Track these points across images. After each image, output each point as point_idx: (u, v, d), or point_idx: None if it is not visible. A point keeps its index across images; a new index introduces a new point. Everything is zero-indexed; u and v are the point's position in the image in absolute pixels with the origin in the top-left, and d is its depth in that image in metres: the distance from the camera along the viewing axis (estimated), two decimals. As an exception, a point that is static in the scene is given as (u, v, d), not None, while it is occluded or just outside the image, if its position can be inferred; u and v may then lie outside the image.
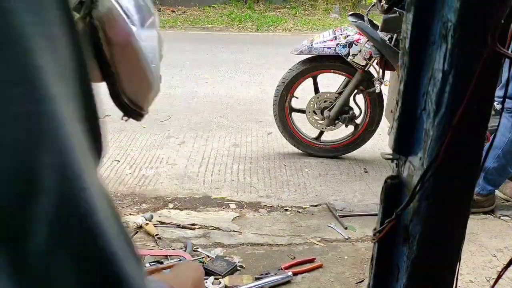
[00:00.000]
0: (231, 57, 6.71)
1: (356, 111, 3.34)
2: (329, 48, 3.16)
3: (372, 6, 3.10)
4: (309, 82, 3.38)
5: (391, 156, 0.82)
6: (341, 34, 3.19)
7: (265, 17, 10.47)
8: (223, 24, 9.87)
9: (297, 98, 3.39)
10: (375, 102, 3.29)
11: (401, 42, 0.75)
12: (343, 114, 3.28)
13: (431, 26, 0.69)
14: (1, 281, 0.29)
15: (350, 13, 3.37)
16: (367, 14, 3.18)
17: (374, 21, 3.22)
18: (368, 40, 3.05)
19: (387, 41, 3.02)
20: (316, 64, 3.24)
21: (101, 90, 0.51)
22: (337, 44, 3.14)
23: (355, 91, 3.27)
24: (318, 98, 3.32)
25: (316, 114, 3.34)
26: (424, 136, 0.71)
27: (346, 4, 11.50)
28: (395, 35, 3.00)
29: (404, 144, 0.77)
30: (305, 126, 3.53)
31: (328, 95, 3.32)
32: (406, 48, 0.73)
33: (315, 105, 3.33)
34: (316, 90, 3.38)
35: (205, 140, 3.69)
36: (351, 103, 3.33)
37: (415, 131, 0.74)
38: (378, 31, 3.03)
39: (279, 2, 11.55)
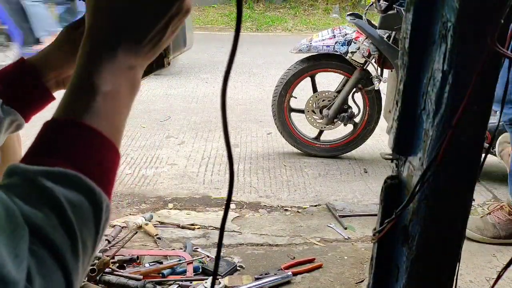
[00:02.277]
0: (231, 57, 6.70)
1: (355, 109, 3.35)
2: (327, 46, 3.16)
3: (370, 5, 3.11)
4: (307, 82, 3.38)
5: (390, 156, 0.82)
6: (340, 33, 3.20)
7: (265, 17, 10.47)
8: (223, 24, 9.87)
9: (296, 98, 3.39)
10: (373, 101, 3.29)
11: (401, 42, 0.75)
12: (342, 113, 3.28)
13: (431, 26, 0.69)
14: None
15: (348, 13, 3.38)
16: (365, 14, 3.18)
17: (372, 21, 3.23)
18: (366, 38, 3.06)
19: (385, 39, 3.03)
20: (314, 63, 3.25)
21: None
22: (335, 42, 3.15)
23: (354, 89, 3.27)
24: (316, 97, 3.33)
25: (315, 113, 3.34)
26: (424, 136, 0.71)
27: (346, 4, 11.51)
28: (393, 33, 3.01)
29: (403, 144, 0.77)
30: (305, 126, 3.53)
31: (327, 94, 3.32)
32: (406, 48, 0.73)
33: (314, 104, 3.33)
34: (315, 89, 3.38)
35: (205, 140, 3.69)
36: (350, 102, 3.33)
37: (415, 131, 0.74)
38: (376, 29, 3.04)
39: (279, 2, 11.56)
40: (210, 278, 1.93)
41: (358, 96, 3.35)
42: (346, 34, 3.17)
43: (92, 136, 0.49)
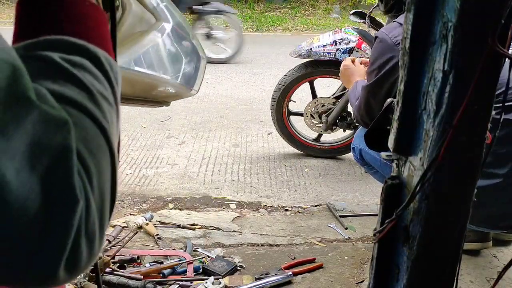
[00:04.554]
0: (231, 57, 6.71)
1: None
2: (328, 53, 3.13)
3: (375, 7, 3.09)
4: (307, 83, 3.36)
5: (391, 156, 0.82)
6: (341, 39, 3.16)
7: (265, 17, 10.47)
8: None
9: (295, 102, 3.38)
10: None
11: (402, 42, 0.75)
12: (341, 120, 3.27)
13: (432, 26, 0.69)
14: None
15: (352, 11, 3.35)
16: (370, 13, 3.16)
17: (377, 18, 3.20)
18: (371, 48, 3.02)
19: None
20: (313, 69, 3.22)
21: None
22: (337, 50, 3.11)
23: None
24: (315, 103, 3.31)
25: (313, 118, 3.33)
26: (424, 136, 0.71)
27: (347, 4, 11.50)
28: None
29: (404, 144, 0.77)
30: (305, 127, 3.53)
31: (326, 100, 3.31)
32: (407, 48, 0.73)
33: (313, 109, 3.31)
34: (314, 94, 3.36)
35: (205, 140, 3.69)
36: (349, 108, 3.32)
37: (415, 131, 0.74)
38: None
39: (279, 2, 11.55)
40: (211, 278, 1.94)
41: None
42: (349, 42, 3.13)
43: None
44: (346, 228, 2.47)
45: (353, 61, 2.49)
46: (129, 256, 2.06)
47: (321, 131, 3.35)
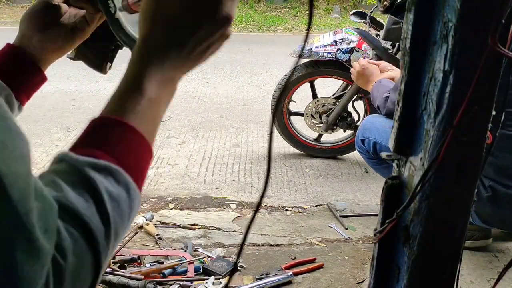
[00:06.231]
0: (232, 57, 6.71)
1: (355, 116, 3.33)
2: (329, 53, 3.13)
3: (376, 7, 3.09)
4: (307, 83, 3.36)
5: (391, 156, 0.82)
6: (342, 39, 3.15)
7: (266, 17, 10.47)
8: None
9: (295, 102, 3.38)
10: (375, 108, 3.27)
11: (402, 42, 0.75)
12: (342, 120, 3.27)
13: (432, 26, 0.69)
14: None
15: (352, 11, 3.35)
16: (370, 13, 3.16)
17: (377, 18, 3.20)
18: (373, 49, 3.02)
19: (390, 50, 2.99)
20: (314, 69, 3.21)
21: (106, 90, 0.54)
22: (337, 50, 3.11)
23: (354, 97, 3.24)
24: (316, 103, 3.31)
25: (314, 118, 3.33)
26: (425, 136, 0.71)
27: (347, 4, 11.51)
28: (397, 44, 2.97)
29: (404, 144, 0.77)
30: (305, 127, 3.53)
31: (326, 100, 3.31)
32: (407, 48, 0.73)
33: (313, 109, 3.31)
34: (314, 95, 3.36)
35: (206, 140, 3.69)
36: (350, 108, 3.31)
37: (416, 131, 0.74)
38: (380, 39, 2.99)
39: (280, 2, 11.56)
40: (211, 278, 1.94)
41: (359, 103, 3.33)
42: (349, 42, 3.12)
43: (134, 136, 0.55)
44: (347, 228, 2.47)
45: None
46: (129, 256, 2.06)
47: (321, 131, 3.35)
